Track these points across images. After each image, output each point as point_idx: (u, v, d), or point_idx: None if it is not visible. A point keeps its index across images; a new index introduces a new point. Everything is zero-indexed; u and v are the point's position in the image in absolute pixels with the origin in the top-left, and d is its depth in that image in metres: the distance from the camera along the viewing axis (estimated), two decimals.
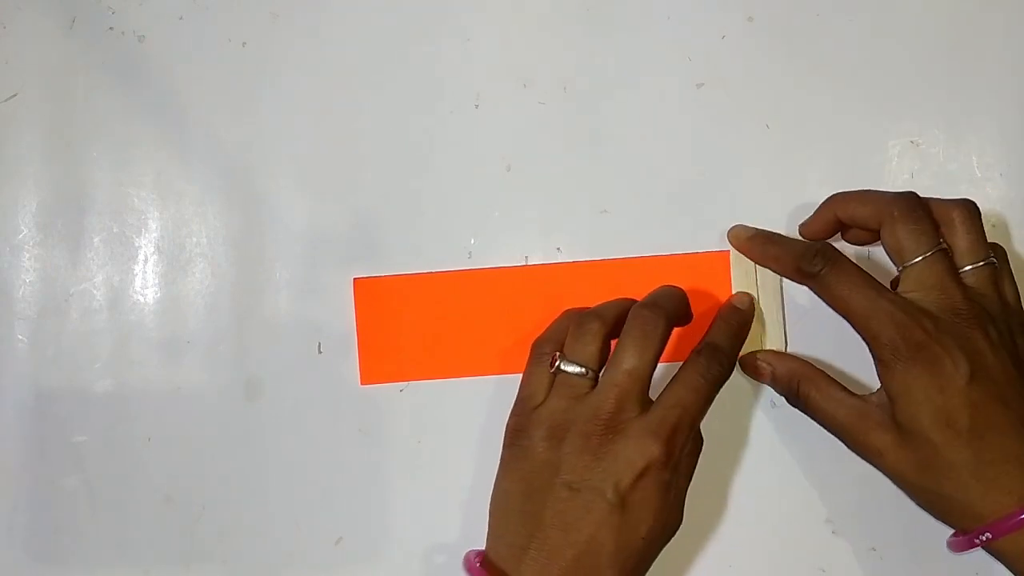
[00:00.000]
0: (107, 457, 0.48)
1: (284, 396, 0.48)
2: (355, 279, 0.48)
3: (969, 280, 0.41)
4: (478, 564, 0.39)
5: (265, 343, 0.48)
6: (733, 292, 0.46)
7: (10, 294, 0.49)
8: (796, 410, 0.44)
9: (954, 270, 0.41)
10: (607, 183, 0.48)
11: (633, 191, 0.47)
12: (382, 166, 0.48)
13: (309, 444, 0.47)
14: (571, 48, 0.48)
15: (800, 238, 0.45)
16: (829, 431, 0.42)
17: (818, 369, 0.43)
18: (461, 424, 0.47)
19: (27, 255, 0.49)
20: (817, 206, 0.44)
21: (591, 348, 0.40)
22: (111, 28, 0.49)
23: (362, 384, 0.47)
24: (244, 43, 0.49)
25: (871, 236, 0.43)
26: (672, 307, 0.41)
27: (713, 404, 0.43)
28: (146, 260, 0.49)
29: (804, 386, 0.43)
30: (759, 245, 0.45)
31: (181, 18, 0.49)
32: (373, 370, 0.47)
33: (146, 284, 0.49)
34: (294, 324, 0.48)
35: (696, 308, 0.44)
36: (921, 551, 0.45)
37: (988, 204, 0.46)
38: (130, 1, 0.49)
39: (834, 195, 0.44)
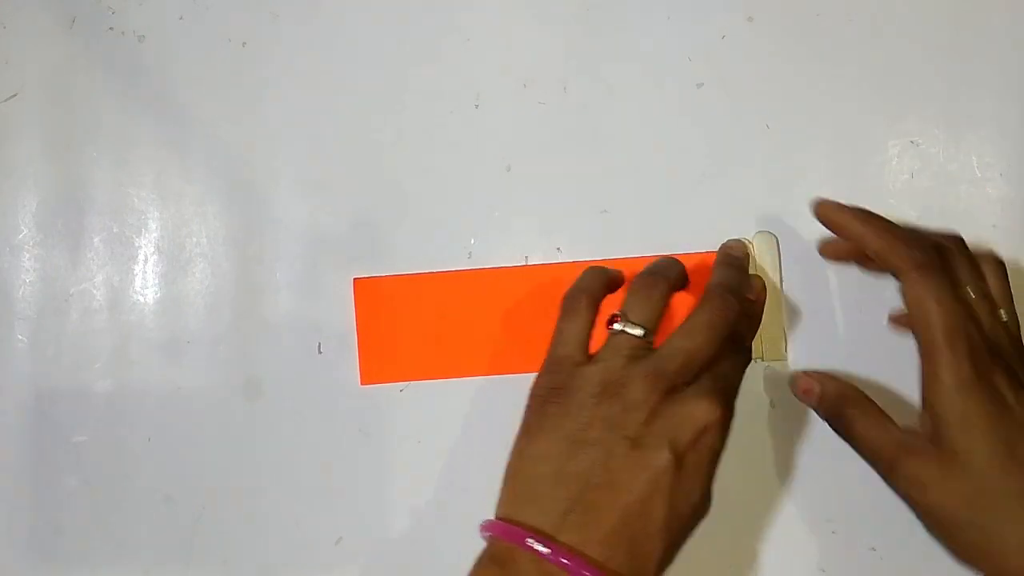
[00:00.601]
0: (107, 457, 0.48)
1: (284, 396, 0.48)
2: (355, 279, 0.48)
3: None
4: (517, 531, 0.35)
5: (265, 343, 0.48)
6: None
7: (10, 294, 0.49)
8: (796, 410, 0.44)
9: (997, 311, 0.40)
10: (607, 183, 0.48)
11: (633, 191, 0.47)
12: (382, 166, 0.48)
13: (309, 444, 0.47)
14: (571, 48, 0.48)
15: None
16: (867, 459, 0.40)
17: (867, 397, 0.41)
18: (461, 424, 0.47)
19: (27, 255, 0.49)
20: (845, 210, 0.43)
21: (657, 309, 0.39)
22: (111, 28, 0.49)
23: (362, 384, 0.47)
24: (244, 43, 0.49)
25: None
26: (740, 293, 0.40)
27: None
28: (146, 260, 0.49)
29: (850, 409, 0.41)
30: (858, 219, 0.41)
31: (181, 18, 0.49)
32: (373, 370, 0.47)
33: (146, 284, 0.49)
34: (294, 324, 0.48)
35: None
36: (921, 551, 0.45)
37: (988, 204, 0.46)
38: (130, 1, 0.49)
39: (857, 215, 0.41)
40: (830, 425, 0.42)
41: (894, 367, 0.45)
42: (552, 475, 0.36)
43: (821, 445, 0.45)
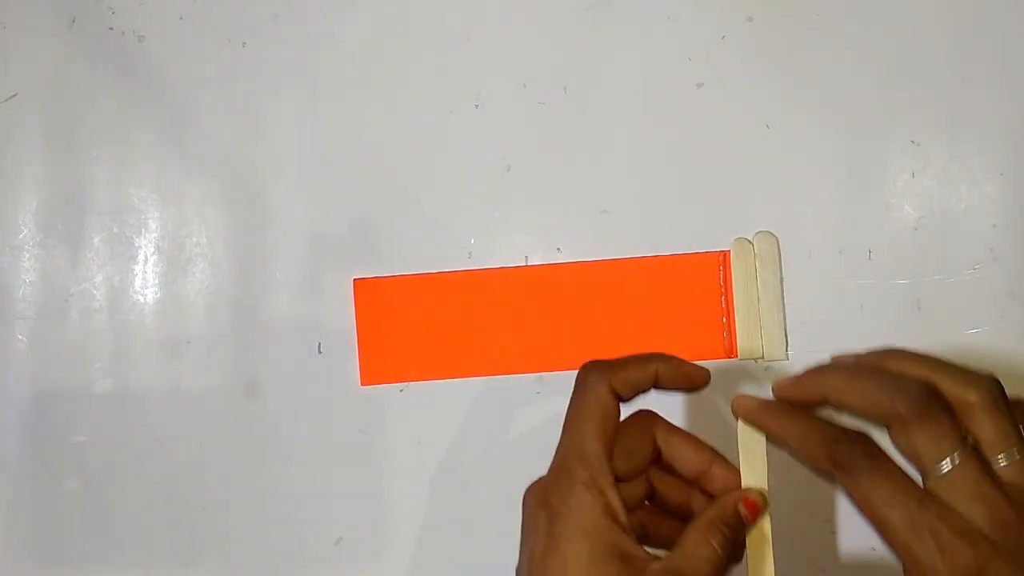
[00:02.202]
0: (107, 457, 0.48)
1: (284, 396, 0.48)
2: (355, 279, 0.48)
3: (1005, 475, 0.34)
4: None
5: (265, 343, 0.48)
6: (734, 294, 0.46)
7: (10, 294, 0.49)
8: None
9: (988, 470, 0.34)
10: (607, 183, 0.48)
11: (633, 191, 0.47)
12: (382, 166, 0.48)
13: (309, 444, 0.47)
14: (571, 48, 0.48)
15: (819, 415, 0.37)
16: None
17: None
18: (461, 424, 0.47)
19: (27, 255, 0.49)
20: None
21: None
22: (111, 28, 0.49)
23: (362, 384, 0.47)
24: (244, 43, 0.49)
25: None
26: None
27: (712, 404, 0.42)
28: (146, 260, 0.49)
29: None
30: (775, 418, 0.37)
31: (181, 18, 0.49)
32: (373, 370, 0.47)
33: (146, 284, 0.49)
34: (294, 324, 0.48)
35: (695, 308, 0.44)
36: None
37: (988, 204, 0.46)
38: (130, 1, 0.49)
39: (823, 370, 0.36)
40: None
41: None
42: None
43: None
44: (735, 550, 0.35)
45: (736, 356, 0.46)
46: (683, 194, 0.47)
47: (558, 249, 0.48)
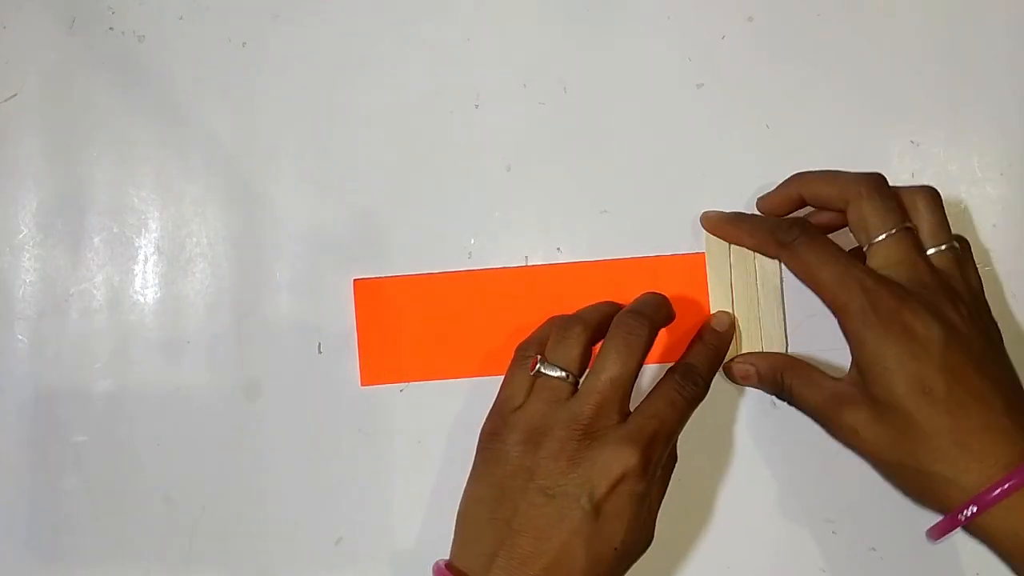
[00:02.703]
0: (107, 457, 0.48)
1: (284, 396, 0.48)
2: (355, 280, 0.48)
3: (935, 261, 0.41)
4: (448, 572, 0.38)
5: (265, 343, 0.48)
6: (733, 294, 0.46)
7: (10, 294, 0.49)
8: (796, 410, 0.43)
9: (921, 247, 0.41)
10: (607, 183, 0.48)
11: (633, 191, 0.47)
12: (382, 166, 0.48)
13: (309, 444, 0.47)
14: (571, 48, 0.48)
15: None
16: (811, 417, 0.42)
17: (799, 360, 0.44)
18: (461, 424, 0.47)
19: (27, 255, 0.49)
20: (780, 184, 0.45)
21: (573, 352, 0.40)
22: (111, 28, 0.49)
23: (362, 384, 0.47)
24: (244, 43, 0.49)
25: (835, 219, 0.44)
26: (656, 315, 0.41)
27: (713, 404, 0.42)
28: (146, 260, 0.49)
29: (787, 377, 0.43)
30: (732, 223, 0.45)
31: (181, 18, 0.49)
32: (373, 371, 0.47)
33: (146, 284, 0.49)
34: (294, 324, 0.48)
35: (695, 308, 0.44)
36: (921, 551, 0.45)
37: (988, 204, 0.46)
38: (130, 1, 0.49)
39: (797, 174, 0.44)
40: (778, 397, 0.43)
41: None
42: (487, 519, 0.38)
43: (821, 445, 0.45)
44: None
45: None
46: (683, 194, 0.47)
47: (558, 249, 0.48)
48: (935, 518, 0.39)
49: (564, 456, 0.38)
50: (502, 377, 0.42)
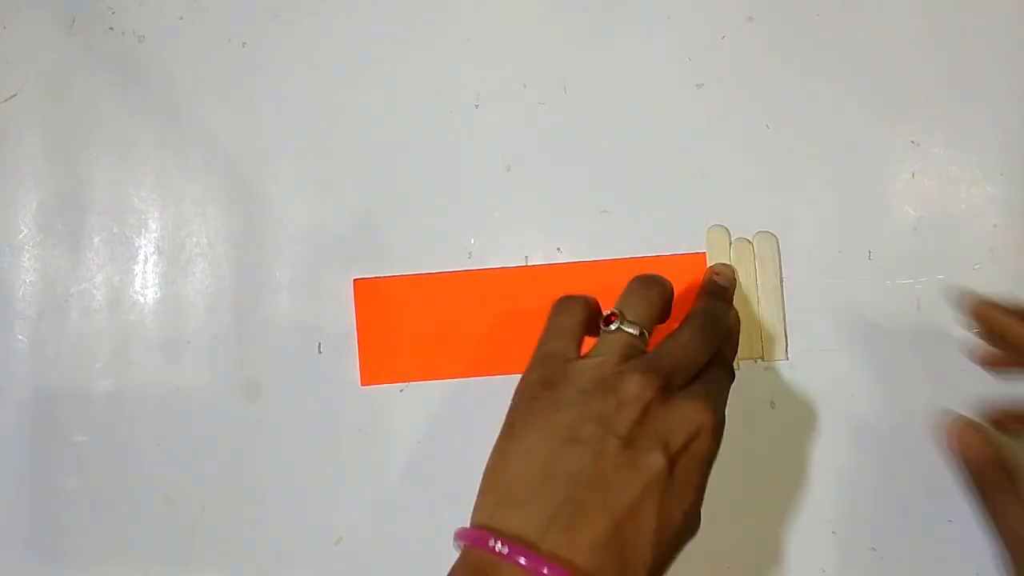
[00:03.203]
0: (107, 457, 0.48)
1: (284, 396, 0.48)
2: (355, 280, 0.48)
3: None
4: (495, 541, 0.32)
5: (265, 343, 0.48)
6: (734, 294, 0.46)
7: (10, 294, 0.49)
8: (796, 410, 0.44)
9: None
10: (607, 183, 0.48)
11: (633, 191, 0.47)
12: (382, 166, 0.48)
13: (309, 444, 0.47)
14: (571, 48, 0.48)
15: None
16: (998, 537, 0.40)
17: (1008, 472, 0.40)
18: (461, 424, 0.47)
19: (27, 255, 0.49)
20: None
21: (654, 311, 0.38)
22: (111, 28, 0.49)
23: (362, 384, 0.47)
24: (244, 43, 0.49)
25: None
26: (731, 317, 0.41)
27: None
28: (146, 260, 0.49)
29: (991, 490, 0.40)
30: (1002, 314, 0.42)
31: (181, 18, 0.49)
32: (373, 370, 0.47)
33: (146, 284, 0.49)
34: (294, 324, 0.48)
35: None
36: (921, 551, 0.45)
37: (988, 204, 0.46)
38: (130, 1, 0.49)
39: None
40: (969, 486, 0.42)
41: (894, 365, 0.45)
42: (538, 475, 0.34)
43: (821, 445, 0.45)
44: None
45: None
46: (683, 194, 0.47)
47: (558, 249, 0.48)
48: (935, 518, 0.39)
49: (639, 405, 0.34)
50: (502, 377, 0.42)
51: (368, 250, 0.48)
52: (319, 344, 0.48)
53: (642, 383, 0.35)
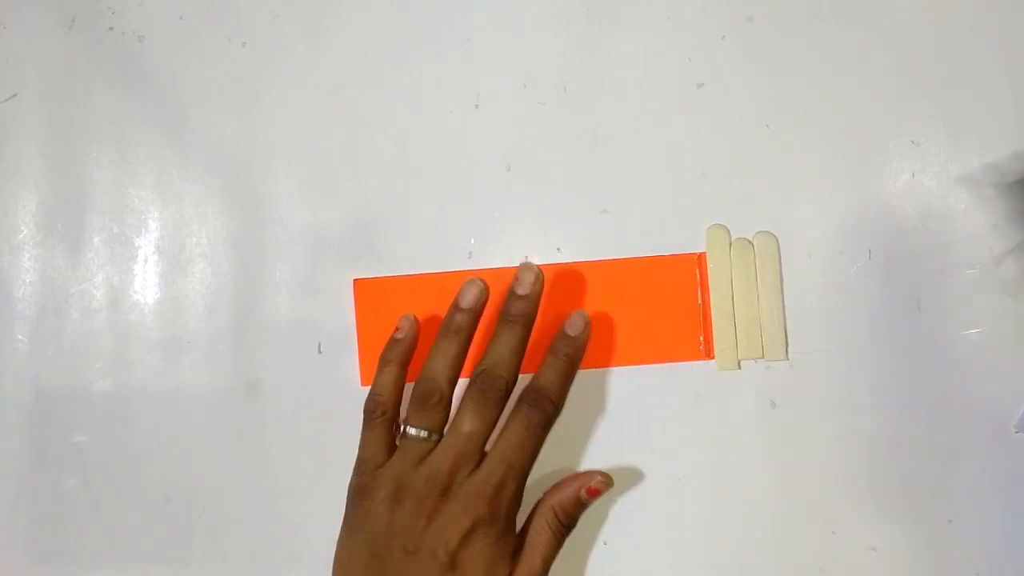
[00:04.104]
0: (107, 457, 0.48)
1: (284, 396, 0.48)
2: (355, 280, 0.48)
3: None
4: None
5: (265, 343, 0.48)
6: (734, 294, 0.46)
7: (10, 294, 0.49)
8: (796, 410, 0.43)
9: None
10: (607, 183, 0.48)
11: (633, 191, 0.47)
12: (382, 166, 0.48)
13: (309, 444, 0.47)
14: (571, 48, 0.48)
15: None
16: None
17: None
18: None
19: (27, 255, 0.49)
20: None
21: (436, 417, 0.42)
22: (111, 28, 0.49)
23: (362, 384, 0.47)
24: (244, 43, 0.49)
25: None
26: (509, 367, 0.42)
27: (713, 404, 0.42)
28: (146, 260, 0.49)
29: None
30: None
31: (181, 18, 0.49)
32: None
33: (146, 284, 0.49)
34: (294, 324, 0.48)
35: (695, 308, 0.44)
36: (921, 551, 0.45)
37: (988, 204, 0.46)
38: (130, 1, 0.49)
39: None
40: None
41: (894, 365, 0.45)
42: (358, 570, 0.40)
43: (821, 445, 0.45)
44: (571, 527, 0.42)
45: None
46: (683, 194, 0.47)
47: (558, 249, 0.48)
48: (935, 518, 0.39)
49: (422, 514, 0.40)
50: None
51: (368, 250, 0.48)
52: (319, 344, 0.48)
53: (423, 493, 0.40)
